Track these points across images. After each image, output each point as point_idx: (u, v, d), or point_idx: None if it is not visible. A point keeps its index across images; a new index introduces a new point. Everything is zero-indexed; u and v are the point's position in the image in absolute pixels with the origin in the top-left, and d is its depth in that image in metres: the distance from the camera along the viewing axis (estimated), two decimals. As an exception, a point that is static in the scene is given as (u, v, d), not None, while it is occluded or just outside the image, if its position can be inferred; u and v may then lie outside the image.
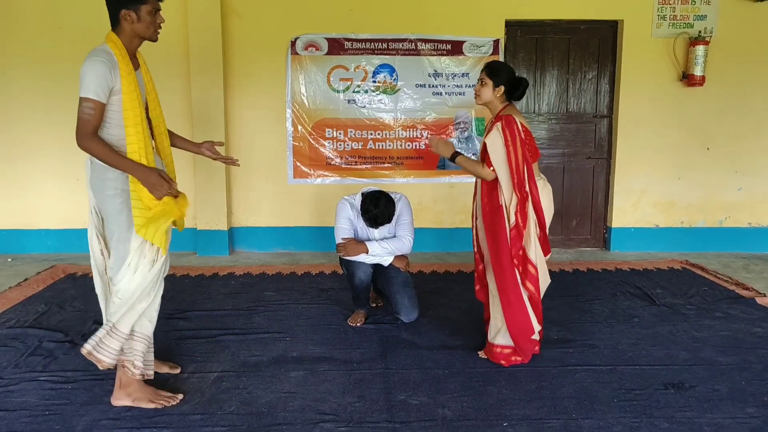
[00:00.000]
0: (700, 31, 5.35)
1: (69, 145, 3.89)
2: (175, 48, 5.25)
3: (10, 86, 5.29)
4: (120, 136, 2.51)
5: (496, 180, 2.96)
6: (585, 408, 2.68)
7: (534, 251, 2.99)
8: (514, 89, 3.04)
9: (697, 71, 5.34)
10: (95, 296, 2.83)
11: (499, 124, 2.93)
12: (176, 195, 2.62)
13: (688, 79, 5.39)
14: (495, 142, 2.91)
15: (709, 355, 3.25)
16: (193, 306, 4.03)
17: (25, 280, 4.61)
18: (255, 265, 5.11)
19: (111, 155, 2.44)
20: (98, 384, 2.87)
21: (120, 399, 2.69)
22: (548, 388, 2.87)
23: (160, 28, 2.64)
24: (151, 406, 2.67)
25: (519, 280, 2.99)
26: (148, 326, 2.69)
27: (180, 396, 2.77)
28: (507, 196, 2.94)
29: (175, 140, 3.02)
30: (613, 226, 5.71)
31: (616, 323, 3.73)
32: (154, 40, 2.65)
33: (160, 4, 2.61)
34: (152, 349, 2.77)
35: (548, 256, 3.11)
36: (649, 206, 5.70)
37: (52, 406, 2.67)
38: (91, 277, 2.90)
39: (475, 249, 3.27)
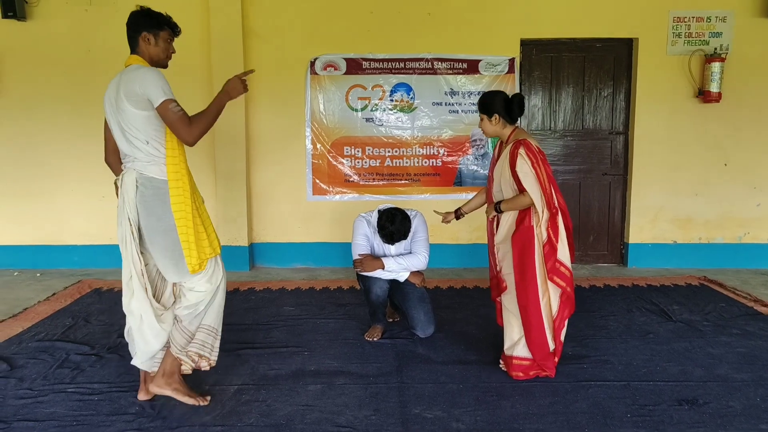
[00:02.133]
0: (715, 48, 5.38)
1: (94, 164, 4.05)
2: (198, 67, 5.43)
3: (38, 107, 5.49)
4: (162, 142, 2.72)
5: None
6: (598, 423, 2.71)
7: (566, 257, 3.09)
8: (510, 110, 3.13)
9: (714, 88, 5.36)
10: (120, 310, 2.93)
11: (522, 150, 3.02)
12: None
13: (704, 95, 5.41)
14: (523, 168, 3.01)
15: (725, 372, 3.26)
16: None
17: (53, 294, 4.76)
18: (275, 281, 5.21)
19: (210, 118, 2.80)
20: (123, 396, 2.97)
21: (160, 387, 2.83)
22: (562, 403, 2.90)
23: (170, 57, 2.91)
24: (189, 401, 2.84)
25: (542, 295, 3.05)
26: (217, 319, 2.95)
27: (209, 398, 2.91)
28: (540, 213, 3.03)
29: None
30: (630, 242, 5.71)
31: (631, 339, 3.74)
32: (165, 66, 2.88)
33: (174, 38, 2.92)
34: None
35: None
36: (666, 222, 5.70)
37: (79, 416, 2.77)
38: (117, 291, 3.01)
39: (495, 268, 3.31)
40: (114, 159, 2.92)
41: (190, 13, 5.41)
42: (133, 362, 2.87)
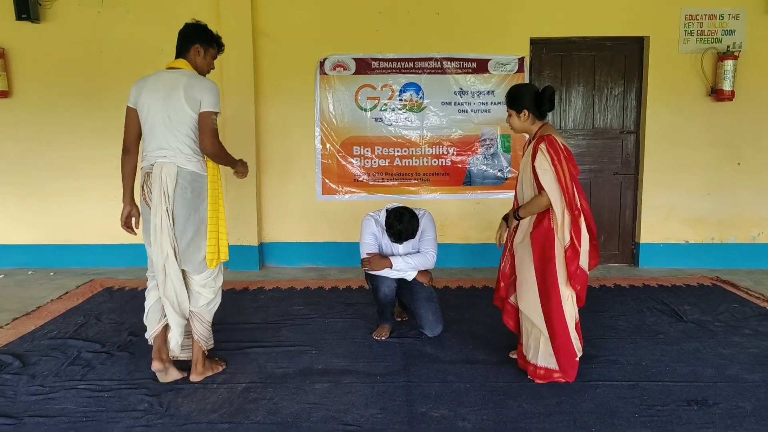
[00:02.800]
0: (728, 46, 5.33)
1: (107, 164, 4.10)
2: (208, 70, 5.46)
3: (51, 108, 5.56)
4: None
5: None
6: (605, 423, 2.69)
7: (586, 261, 3.01)
8: (540, 105, 3.01)
9: (726, 86, 5.31)
10: (131, 309, 2.99)
11: (542, 146, 2.91)
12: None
13: (716, 94, 5.36)
14: (542, 165, 2.90)
15: (736, 372, 3.23)
16: (223, 319, 4.14)
17: (66, 293, 4.82)
18: (284, 280, 5.23)
19: (228, 156, 3.15)
20: (132, 393, 3.00)
21: (201, 374, 3.14)
22: (569, 402, 2.89)
23: (210, 71, 3.25)
24: (218, 369, 3.24)
25: (564, 299, 2.96)
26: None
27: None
28: (559, 216, 2.92)
29: None
30: (641, 242, 5.67)
31: (640, 339, 3.72)
32: (204, 75, 3.19)
33: (219, 55, 3.26)
34: None
35: (593, 269, 3.11)
36: (678, 222, 5.65)
37: (89, 413, 2.80)
38: (128, 290, 3.06)
39: (504, 269, 3.24)
40: (135, 147, 3.11)
41: (200, 13, 5.43)
42: (172, 347, 3.09)
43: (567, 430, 2.64)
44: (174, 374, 3.14)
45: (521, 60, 5.48)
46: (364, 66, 5.51)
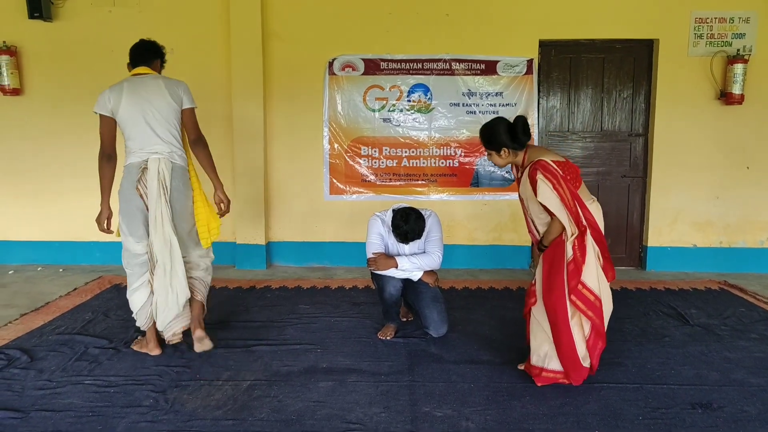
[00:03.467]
0: (738, 50, 5.31)
1: (117, 163, 4.16)
2: (218, 69, 5.51)
3: (62, 106, 5.61)
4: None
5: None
6: (609, 425, 2.69)
7: (597, 281, 2.97)
8: (515, 138, 2.99)
9: (736, 89, 5.29)
10: (138, 305, 3.03)
11: (539, 176, 2.90)
12: None
13: (726, 97, 5.34)
14: (545, 193, 2.89)
15: (741, 376, 3.21)
16: (230, 317, 4.18)
17: (75, 289, 4.86)
18: (290, 279, 5.25)
19: (210, 160, 3.52)
20: (138, 389, 3.02)
21: (204, 338, 3.48)
22: (573, 404, 2.89)
23: None
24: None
25: (571, 314, 2.94)
26: None
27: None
28: (569, 232, 2.93)
29: None
30: (648, 245, 5.65)
31: (645, 342, 3.71)
32: None
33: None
34: None
35: (612, 281, 3.09)
36: (685, 226, 5.63)
37: (95, 408, 2.83)
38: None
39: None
40: (115, 152, 3.41)
41: (210, 14, 5.49)
42: (159, 327, 3.41)
43: (570, 430, 2.64)
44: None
45: (530, 62, 5.48)
46: (372, 67, 5.52)
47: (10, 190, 5.73)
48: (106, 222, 3.47)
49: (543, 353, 3.09)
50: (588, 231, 2.94)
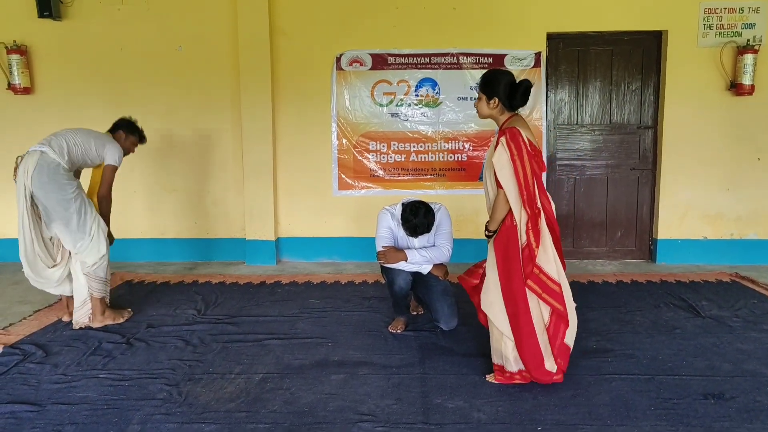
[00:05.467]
0: (748, 40, 5.27)
1: (126, 160, 4.21)
2: (226, 65, 5.53)
3: (72, 104, 5.64)
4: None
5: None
6: (620, 415, 2.69)
7: (555, 268, 2.83)
8: (512, 96, 2.85)
9: (746, 80, 5.25)
10: (149, 301, 3.07)
11: (503, 138, 2.77)
12: None
13: (736, 88, 5.30)
14: (501, 159, 2.76)
15: (754, 367, 3.20)
16: (241, 312, 4.21)
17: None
18: (300, 274, 5.27)
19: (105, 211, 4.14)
20: (152, 382, 3.05)
21: (102, 322, 3.88)
22: (584, 395, 2.89)
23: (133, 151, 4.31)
24: (120, 319, 3.97)
25: (537, 302, 2.83)
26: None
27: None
28: (516, 213, 2.80)
29: None
30: (658, 237, 5.63)
31: (657, 334, 3.70)
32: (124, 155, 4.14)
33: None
34: None
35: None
36: (696, 218, 5.60)
37: (110, 401, 2.86)
38: (147, 283, 3.14)
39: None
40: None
41: (218, 11, 5.51)
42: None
43: (582, 422, 2.65)
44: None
45: (538, 55, 5.46)
46: (380, 61, 5.53)
47: (22, 189, 5.77)
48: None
49: (502, 355, 2.98)
50: (542, 215, 2.81)
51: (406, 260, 3.63)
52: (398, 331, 3.77)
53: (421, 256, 3.64)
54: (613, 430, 2.57)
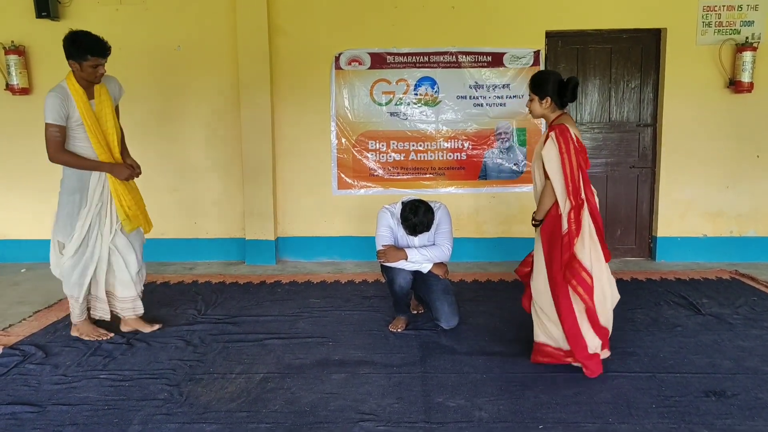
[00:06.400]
0: (747, 37, 5.27)
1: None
2: (225, 65, 5.52)
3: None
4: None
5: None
6: (622, 413, 2.69)
7: (589, 259, 2.96)
8: (563, 94, 3.05)
9: (745, 78, 5.25)
10: (149, 301, 3.08)
11: (552, 133, 2.96)
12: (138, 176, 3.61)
13: (735, 85, 5.30)
14: (550, 152, 2.95)
15: (755, 365, 3.20)
16: (241, 312, 4.21)
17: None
18: (300, 274, 5.27)
19: (81, 164, 3.45)
20: (153, 382, 3.05)
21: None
22: (586, 393, 2.89)
23: (100, 76, 3.46)
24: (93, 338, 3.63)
25: (570, 291, 2.98)
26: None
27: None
28: (561, 203, 2.97)
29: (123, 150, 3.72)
30: (658, 235, 5.63)
31: (658, 332, 3.70)
32: (96, 83, 3.48)
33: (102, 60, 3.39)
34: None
35: (608, 261, 3.11)
36: (696, 216, 5.60)
37: (110, 401, 2.85)
38: (147, 284, 3.17)
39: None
40: None
41: (216, 11, 5.50)
42: None
43: (583, 420, 2.64)
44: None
45: (537, 53, 5.46)
46: (379, 60, 5.52)
47: (21, 189, 5.77)
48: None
49: (541, 328, 3.16)
50: (585, 206, 2.96)
51: (406, 259, 3.63)
52: (399, 330, 3.76)
53: (421, 255, 3.64)
54: (615, 428, 2.57)
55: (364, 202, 5.66)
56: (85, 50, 3.30)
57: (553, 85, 3.05)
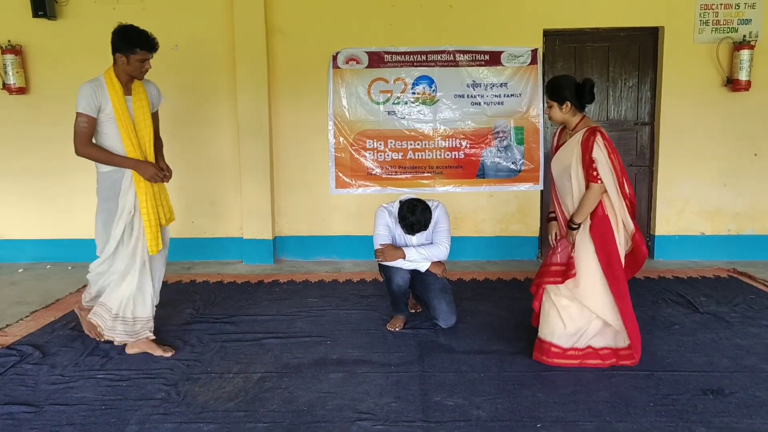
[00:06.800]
0: (744, 36, 5.27)
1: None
2: (222, 64, 5.51)
3: (68, 105, 5.43)
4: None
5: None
6: (620, 412, 2.69)
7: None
8: (581, 97, 3.07)
9: (742, 76, 5.25)
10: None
11: (599, 139, 2.97)
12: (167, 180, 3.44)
13: (732, 84, 5.31)
14: (600, 156, 2.97)
15: (752, 363, 3.21)
16: (239, 311, 4.20)
17: (84, 286, 4.83)
18: (298, 273, 5.26)
19: (105, 158, 3.29)
20: (150, 382, 3.04)
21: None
22: (583, 392, 2.89)
23: (146, 72, 3.38)
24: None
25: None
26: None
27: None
28: (617, 204, 3.02)
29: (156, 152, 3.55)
30: (656, 234, 5.63)
31: (655, 330, 3.70)
32: (140, 78, 3.40)
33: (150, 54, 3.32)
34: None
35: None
36: (693, 214, 5.61)
37: (108, 401, 2.85)
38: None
39: (558, 259, 3.22)
40: None
41: (214, 10, 5.49)
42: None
43: (581, 418, 2.64)
44: None
45: (534, 52, 5.46)
46: (376, 59, 5.51)
47: (18, 189, 5.76)
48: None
49: (582, 331, 3.16)
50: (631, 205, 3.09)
51: (404, 258, 3.63)
52: (397, 329, 3.76)
53: (419, 254, 3.64)
54: (613, 427, 2.57)
55: (362, 201, 5.65)
56: (135, 44, 3.23)
57: (571, 89, 3.07)
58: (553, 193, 3.31)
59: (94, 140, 3.31)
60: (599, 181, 2.97)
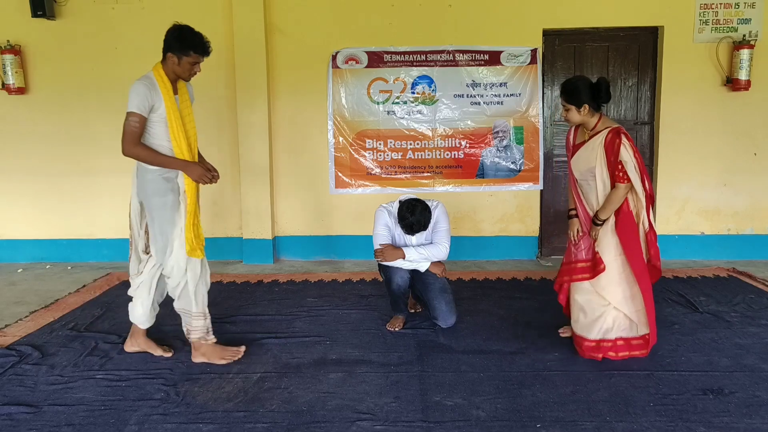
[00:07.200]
0: (744, 35, 5.27)
1: (122, 160, 4.15)
2: (222, 64, 5.50)
3: (67, 104, 5.61)
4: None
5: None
6: (619, 411, 2.69)
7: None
8: (597, 98, 3.09)
9: (742, 75, 5.25)
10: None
11: (624, 140, 3.03)
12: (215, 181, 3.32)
13: (732, 83, 5.30)
14: (625, 156, 3.02)
15: (752, 362, 3.20)
16: (238, 311, 4.20)
17: (83, 286, 4.88)
18: (298, 273, 5.26)
19: (154, 159, 3.17)
20: (150, 382, 3.04)
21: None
22: (583, 392, 2.89)
23: (194, 75, 3.31)
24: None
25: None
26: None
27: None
28: (642, 200, 3.11)
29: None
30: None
31: (655, 330, 3.70)
32: (187, 80, 3.36)
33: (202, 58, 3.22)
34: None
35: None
36: (693, 214, 5.60)
37: (107, 401, 2.84)
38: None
39: (583, 255, 3.28)
40: None
41: (213, 10, 5.48)
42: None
43: (581, 418, 2.64)
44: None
45: (534, 51, 5.45)
46: (376, 59, 5.51)
47: (17, 189, 5.75)
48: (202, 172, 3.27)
49: (608, 325, 3.22)
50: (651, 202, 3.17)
51: (403, 258, 3.62)
52: (396, 329, 3.76)
53: (418, 254, 3.63)
54: (613, 426, 2.57)
55: (362, 201, 5.65)
56: (189, 46, 3.15)
57: (586, 91, 3.09)
58: (573, 190, 3.35)
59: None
60: (626, 181, 3.03)
